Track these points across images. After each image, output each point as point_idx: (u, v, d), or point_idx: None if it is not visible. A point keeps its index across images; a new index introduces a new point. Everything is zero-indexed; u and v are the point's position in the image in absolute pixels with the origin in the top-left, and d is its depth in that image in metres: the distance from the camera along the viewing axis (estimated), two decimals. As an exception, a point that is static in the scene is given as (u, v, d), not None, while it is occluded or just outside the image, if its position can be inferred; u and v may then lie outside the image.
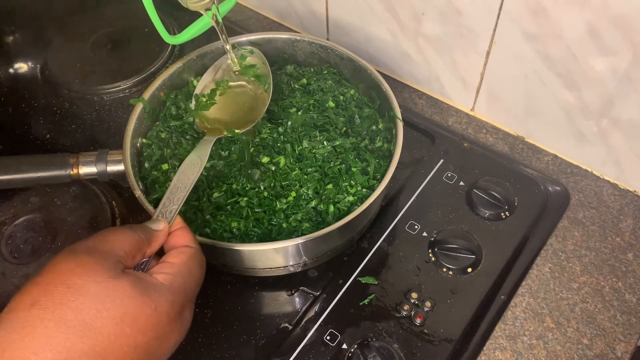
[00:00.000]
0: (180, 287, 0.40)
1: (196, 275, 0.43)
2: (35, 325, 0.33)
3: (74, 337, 0.33)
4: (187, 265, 0.42)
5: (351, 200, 0.59)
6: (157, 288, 0.38)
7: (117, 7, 0.97)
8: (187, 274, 0.41)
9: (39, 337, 0.33)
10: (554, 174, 0.72)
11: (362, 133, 0.66)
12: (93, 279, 0.35)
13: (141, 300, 0.36)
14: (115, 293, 0.35)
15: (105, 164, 0.60)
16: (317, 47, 0.71)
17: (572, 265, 0.64)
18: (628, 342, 0.58)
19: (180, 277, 0.41)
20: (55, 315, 0.34)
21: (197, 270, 0.43)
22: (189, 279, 0.42)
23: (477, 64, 0.73)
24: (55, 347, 0.33)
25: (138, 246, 0.41)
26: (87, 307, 0.34)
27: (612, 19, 0.57)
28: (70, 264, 0.36)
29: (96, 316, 0.34)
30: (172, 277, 0.40)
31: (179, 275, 0.41)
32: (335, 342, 0.58)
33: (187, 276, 0.42)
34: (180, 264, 0.42)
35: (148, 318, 0.36)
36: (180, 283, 0.40)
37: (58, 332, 0.33)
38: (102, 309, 0.35)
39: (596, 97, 0.65)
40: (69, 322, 0.33)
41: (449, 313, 0.60)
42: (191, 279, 0.42)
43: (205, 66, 0.71)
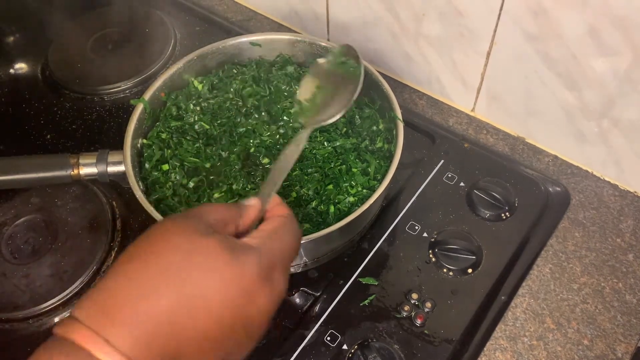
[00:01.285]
0: (269, 249, 0.41)
1: (287, 242, 0.44)
2: (134, 276, 0.36)
3: (166, 285, 0.36)
4: (277, 231, 0.43)
5: (352, 201, 0.59)
6: (245, 248, 0.40)
7: (117, 7, 0.96)
8: (276, 238, 0.43)
9: (141, 284, 0.35)
10: (555, 174, 0.72)
11: (362, 134, 0.66)
12: (186, 237, 0.38)
13: (229, 257, 0.38)
14: (204, 249, 0.38)
15: (105, 164, 0.60)
16: (317, 48, 0.71)
17: (572, 266, 0.64)
18: (628, 343, 0.58)
19: (269, 240, 0.42)
20: (153, 265, 0.36)
21: (289, 236, 0.44)
22: (279, 243, 0.43)
23: (477, 65, 0.73)
24: (158, 291, 0.35)
25: (230, 215, 0.43)
26: (178, 259, 0.37)
27: (613, 19, 0.57)
28: (167, 224, 0.39)
29: (186, 268, 0.37)
30: (261, 240, 0.41)
31: (267, 238, 0.42)
32: (335, 342, 0.58)
33: (277, 241, 0.43)
34: (271, 229, 0.43)
35: (234, 274, 0.38)
36: (269, 246, 0.41)
37: (158, 278, 0.36)
38: (193, 262, 0.37)
39: (596, 97, 0.65)
40: (164, 271, 0.36)
41: (450, 314, 0.60)
42: (282, 244, 0.43)
43: (206, 67, 0.71)
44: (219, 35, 0.89)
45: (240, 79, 0.70)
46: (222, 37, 0.73)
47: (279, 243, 0.43)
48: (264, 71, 0.71)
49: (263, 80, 0.71)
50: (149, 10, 0.94)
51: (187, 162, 0.63)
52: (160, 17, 0.92)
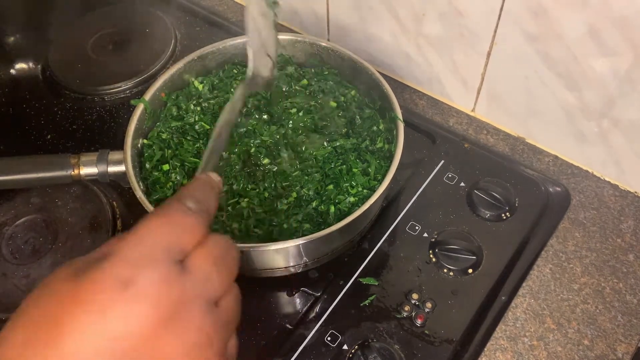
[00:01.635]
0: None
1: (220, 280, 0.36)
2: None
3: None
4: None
5: (352, 201, 0.59)
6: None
7: (118, 7, 0.97)
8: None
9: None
10: (555, 174, 0.72)
11: (362, 134, 0.66)
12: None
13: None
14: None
15: (106, 164, 0.60)
16: (317, 48, 0.71)
17: (572, 266, 0.64)
18: (629, 343, 0.58)
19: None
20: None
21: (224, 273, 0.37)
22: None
23: (477, 65, 0.73)
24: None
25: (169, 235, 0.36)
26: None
27: (613, 19, 0.57)
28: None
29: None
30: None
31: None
32: (336, 342, 0.58)
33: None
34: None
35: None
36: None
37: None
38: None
39: (597, 97, 0.65)
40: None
41: (450, 314, 0.60)
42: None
43: (206, 67, 0.71)
44: (219, 36, 0.89)
45: (241, 79, 0.70)
46: (222, 37, 0.73)
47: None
48: None
49: None
50: (149, 10, 0.94)
51: (187, 162, 0.63)
52: (160, 18, 0.93)
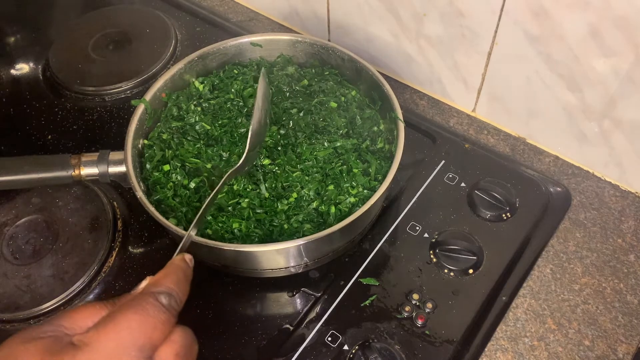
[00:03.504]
0: None
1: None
2: None
3: None
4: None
5: (352, 202, 0.59)
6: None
7: (118, 8, 0.97)
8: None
9: None
10: (556, 175, 0.72)
11: (363, 134, 0.66)
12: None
13: None
14: None
15: (106, 164, 0.60)
16: (318, 48, 0.71)
17: (573, 267, 0.64)
18: (630, 344, 0.58)
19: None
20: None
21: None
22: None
23: (478, 65, 0.73)
24: None
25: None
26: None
27: (614, 20, 0.57)
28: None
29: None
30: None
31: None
32: (336, 343, 0.58)
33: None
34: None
35: None
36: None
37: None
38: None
39: (598, 98, 0.64)
40: None
41: (451, 314, 0.60)
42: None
43: (207, 67, 0.71)
44: (219, 36, 0.89)
45: (241, 80, 0.70)
46: (223, 37, 0.73)
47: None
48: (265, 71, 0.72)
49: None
50: (150, 10, 0.94)
51: (188, 162, 0.63)
52: (161, 18, 0.93)
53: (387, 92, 0.64)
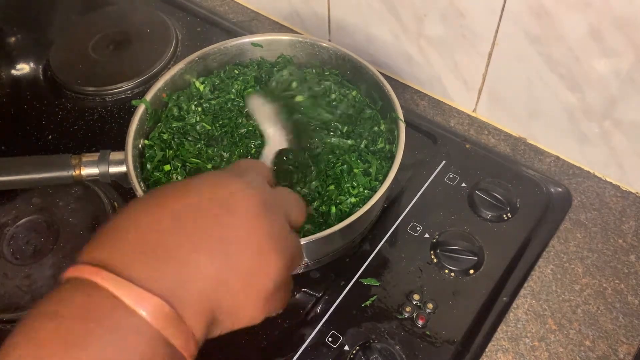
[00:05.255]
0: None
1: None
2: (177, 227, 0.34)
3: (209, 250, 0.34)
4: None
5: (353, 202, 0.59)
6: (276, 207, 0.39)
7: (119, 8, 0.97)
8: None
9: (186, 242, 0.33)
10: (556, 175, 0.72)
11: (363, 134, 0.66)
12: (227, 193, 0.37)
13: (264, 219, 0.37)
14: (242, 209, 0.36)
15: (107, 165, 0.60)
16: (319, 49, 0.71)
17: (574, 267, 0.64)
18: (630, 344, 0.58)
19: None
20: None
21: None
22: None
23: (479, 66, 0.73)
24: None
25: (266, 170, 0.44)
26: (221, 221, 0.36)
27: (615, 20, 0.57)
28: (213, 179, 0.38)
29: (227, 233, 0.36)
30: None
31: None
32: (337, 343, 0.58)
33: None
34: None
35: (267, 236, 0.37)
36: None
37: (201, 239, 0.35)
38: (231, 228, 0.36)
39: (598, 98, 0.64)
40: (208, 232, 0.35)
41: (451, 315, 0.60)
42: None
43: (207, 67, 0.71)
44: (220, 36, 0.89)
45: (242, 80, 0.70)
46: (223, 37, 0.73)
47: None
48: (266, 72, 0.72)
49: (265, 81, 0.71)
50: (150, 11, 0.94)
51: (188, 162, 0.63)
52: (161, 18, 0.93)
53: (388, 92, 0.64)
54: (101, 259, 0.31)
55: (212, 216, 0.34)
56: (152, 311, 0.29)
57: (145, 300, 0.29)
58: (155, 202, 0.35)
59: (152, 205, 0.34)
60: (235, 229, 0.34)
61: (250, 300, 0.35)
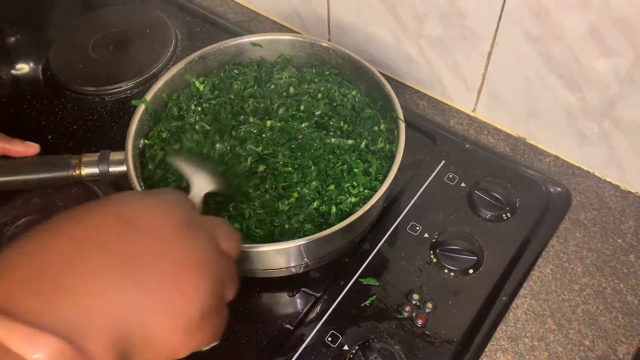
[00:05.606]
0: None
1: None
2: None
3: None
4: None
5: (353, 202, 0.59)
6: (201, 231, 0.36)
7: (119, 8, 0.97)
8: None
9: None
10: (556, 175, 0.72)
11: (363, 134, 0.66)
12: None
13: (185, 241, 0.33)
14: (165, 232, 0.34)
15: (107, 164, 0.60)
16: (318, 48, 0.71)
17: (573, 267, 0.64)
18: (630, 344, 0.58)
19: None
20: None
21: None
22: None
23: (478, 65, 0.73)
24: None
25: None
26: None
27: (614, 20, 0.57)
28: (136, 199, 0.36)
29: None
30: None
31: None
32: (336, 343, 0.58)
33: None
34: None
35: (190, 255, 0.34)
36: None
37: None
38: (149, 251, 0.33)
39: (598, 98, 0.65)
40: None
41: (451, 314, 0.60)
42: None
43: (207, 67, 0.71)
44: (220, 36, 0.89)
45: (242, 79, 0.70)
46: (223, 37, 0.73)
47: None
48: (266, 72, 0.72)
49: (264, 81, 0.71)
50: (150, 10, 0.94)
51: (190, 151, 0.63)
52: (161, 18, 0.93)
53: (388, 91, 0.64)
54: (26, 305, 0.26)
55: (117, 235, 0.30)
56: (49, 354, 0.25)
57: (39, 342, 0.25)
58: (52, 228, 0.31)
59: (48, 232, 0.30)
60: (144, 248, 0.30)
61: (167, 328, 0.30)
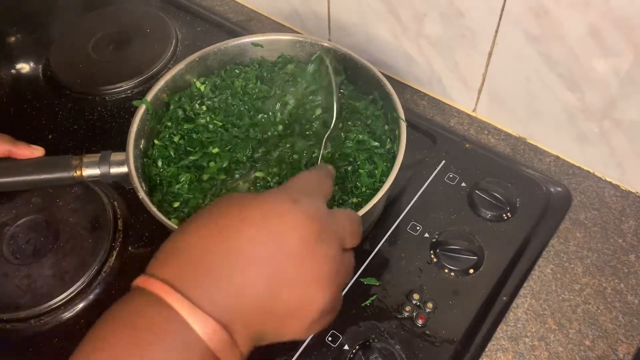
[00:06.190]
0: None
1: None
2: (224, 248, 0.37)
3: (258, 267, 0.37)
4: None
5: (355, 202, 0.59)
6: (330, 232, 0.41)
7: (119, 7, 0.97)
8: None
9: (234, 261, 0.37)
10: (556, 175, 0.72)
11: (376, 132, 0.66)
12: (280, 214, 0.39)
13: (314, 241, 0.39)
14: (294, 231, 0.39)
15: (108, 165, 0.60)
16: (319, 48, 0.71)
17: (574, 267, 0.64)
18: (630, 344, 0.58)
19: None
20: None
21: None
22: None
23: (479, 65, 0.73)
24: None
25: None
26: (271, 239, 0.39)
27: (614, 20, 0.57)
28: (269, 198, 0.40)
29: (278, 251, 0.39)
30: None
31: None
32: (336, 343, 0.58)
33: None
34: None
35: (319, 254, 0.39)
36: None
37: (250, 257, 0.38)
38: (283, 247, 0.38)
39: (598, 98, 0.65)
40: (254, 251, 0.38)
41: (451, 314, 0.60)
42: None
43: (208, 67, 0.71)
44: (220, 36, 0.89)
45: (243, 77, 0.70)
46: (223, 37, 0.73)
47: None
48: (267, 70, 0.72)
49: (267, 79, 0.71)
50: (150, 10, 0.94)
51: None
52: (161, 18, 0.93)
53: (389, 91, 0.64)
54: (169, 277, 0.35)
55: (265, 253, 0.36)
56: (211, 335, 0.34)
57: (207, 325, 0.34)
58: (217, 228, 0.37)
59: (213, 233, 0.37)
60: (285, 264, 0.36)
61: (294, 326, 0.38)
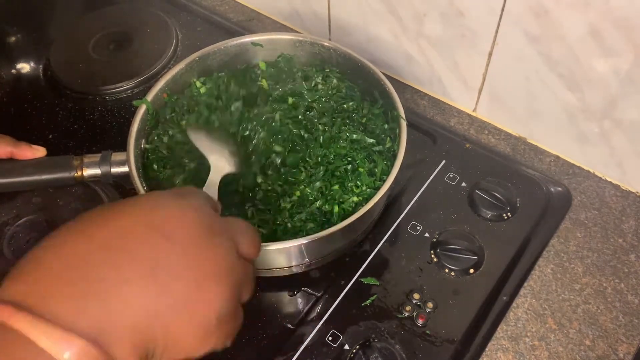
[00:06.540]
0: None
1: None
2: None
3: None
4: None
5: (356, 201, 0.59)
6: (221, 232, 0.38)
7: (119, 7, 0.97)
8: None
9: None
10: (556, 175, 0.72)
11: (375, 131, 0.66)
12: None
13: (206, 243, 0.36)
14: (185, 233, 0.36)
15: (109, 165, 0.60)
16: (319, 48, 0.71)
17: (574, 267, 0.64)
18: (630, 344, 0.58)
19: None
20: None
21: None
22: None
23: (479, 65, 0.73)
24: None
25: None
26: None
27: (614, 20, 0.57)
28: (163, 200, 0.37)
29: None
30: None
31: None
32: (337, 342, 0.58)
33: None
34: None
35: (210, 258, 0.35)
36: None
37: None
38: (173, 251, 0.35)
39: (598, 98, 0.65)
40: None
41: (451, 314, 0.60)
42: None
43: (208, 67, 0.71)
44: (220, 36, 0.89)
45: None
46: (223, 37, 0.73)
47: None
48: None
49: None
50: (150, 10, 0.94)
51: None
52: (161, 18, 0.93)
53: (389, 91, 0.64)
54: (19, 294, 0.28)
55: (145, 242, 0.32)
56: (76, 354, 0.27)
57: (67, 343, 0.27)
58: (83, 228, 0.32)
59: (78, 233, 0.32)
60: (170, 256, 0.32)
61: (188, 333, 0.32)
